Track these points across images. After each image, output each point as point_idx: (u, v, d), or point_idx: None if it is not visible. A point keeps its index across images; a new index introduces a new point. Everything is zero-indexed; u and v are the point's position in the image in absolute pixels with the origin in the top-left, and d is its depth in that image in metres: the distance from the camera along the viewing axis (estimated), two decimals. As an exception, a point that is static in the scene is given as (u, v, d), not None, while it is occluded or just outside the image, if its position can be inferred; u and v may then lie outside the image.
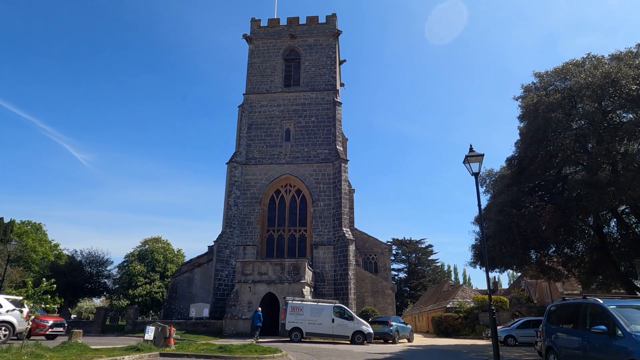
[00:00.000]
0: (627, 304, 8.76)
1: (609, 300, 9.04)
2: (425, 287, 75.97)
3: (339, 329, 23.93)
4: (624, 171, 17.25)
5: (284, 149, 37.27)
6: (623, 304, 8.72)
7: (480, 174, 27.18)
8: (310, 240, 34.66)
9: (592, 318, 9.07)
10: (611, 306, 8.63)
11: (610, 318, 8.29)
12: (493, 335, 11.10)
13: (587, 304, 9.38)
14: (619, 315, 8.22)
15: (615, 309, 8.52)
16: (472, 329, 38.65)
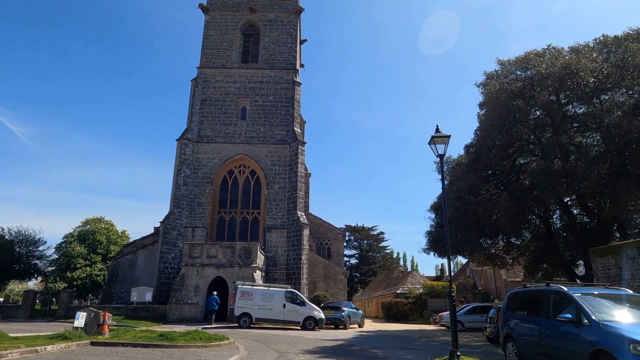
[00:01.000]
0: (591, 291, 8.53)
1: (573, 288, 8.79)
2: (376, 273, 77.29)
3: (290, 314, 23.21)
4: (577, 162, 17.53)
5: (239, 128, 35.61)
6: (587, 292, 8.48)
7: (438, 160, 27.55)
8: (264, 223, 33.54)
9: (555, 306, 8.79)
10: (576, 294, 8.34)
11: (576, 306, 7.99)
12: (452, 322, 10.71)
13: (550, 291, 9.10)
14: (585, 304, 7.92)
15: (580, 296, 8.24)
16: (420, 314, 39.43)
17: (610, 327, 7.17)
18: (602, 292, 8.54)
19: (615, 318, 7.54)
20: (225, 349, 13.06)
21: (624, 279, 11.16)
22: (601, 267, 12.17)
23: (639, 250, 10.88)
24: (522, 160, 23.24)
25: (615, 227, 20.59)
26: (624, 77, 17.35)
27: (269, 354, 12.46)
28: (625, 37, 19.34)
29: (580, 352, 7.51)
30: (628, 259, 11.15)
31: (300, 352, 13.06)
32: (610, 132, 15.87)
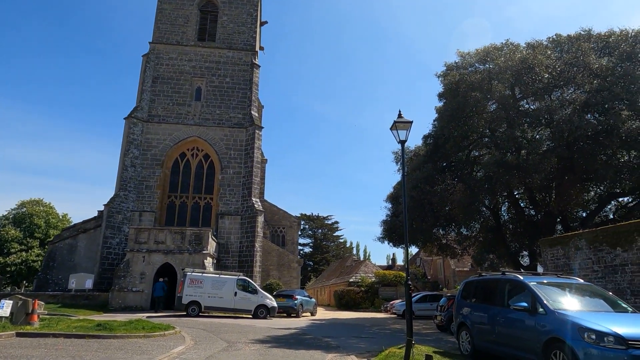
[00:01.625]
0: (546, 280, 8.56)
1: (529, 277, 8.80)
2: (329, 262, 77.84)
3: (242, 302, 22.55)
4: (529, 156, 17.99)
5: (192, 109, 34.01)
6: (542, 281, 8.50)
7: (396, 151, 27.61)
8: (217, 209, 32.40)
9: (510, 294, 8.77)
10: (532, 282, 8.33)
11: (532, 295, 7.96)
12: (408, 311, 10.53)
13: (506, 280, 9.08)
14: (541, 292, 7.91)
15: (536, 285, 8.24)
16: (371, 302, 40.00)
17: (565, 315, 7.17)
18: (555, 281, 8.60)
19: (569, 307, 7.57)
20: (170, 340, 12.26)
21: (572, 269, 11.49)
22: (550, 257, 12.49)
23: (587, 242, 11.20)
24: (476, 152, 23.73)
25: (559, 219, 21.47)
26: (575, 75, 17.94)
27: (217, 344, 11.80)
28: (577, 37, 20.01)
29: (535, 340, 7.49)
30: (577, 249, 11.47)
31: (251, 341, 12.51)
32: (561, 127, 16.37)
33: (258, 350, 10.75)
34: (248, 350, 10.84)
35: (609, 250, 10.45)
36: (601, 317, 7.11)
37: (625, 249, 10.01)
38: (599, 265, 10.72)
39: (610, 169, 16.83)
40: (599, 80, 17.35)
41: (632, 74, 16.88)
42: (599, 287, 8.87)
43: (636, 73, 16.89)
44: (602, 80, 17.18)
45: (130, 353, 9.68)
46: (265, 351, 10.71)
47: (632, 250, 9.84)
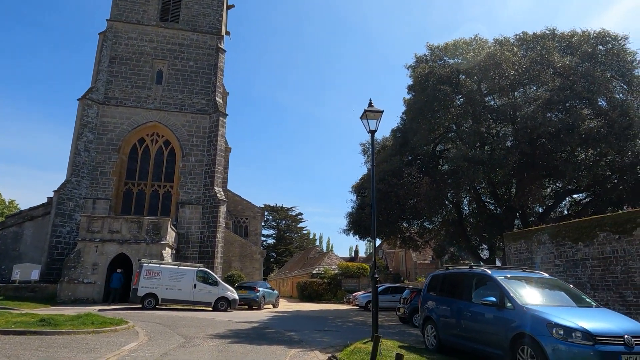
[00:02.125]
0: (513, 275, 8.50)
1: (496, 271, 8.72)
2: (292, 253, 77.58)
3: (201, 294, 21.78)
4: (493, 151, 18.22)
5: (153, 93, 32.43)
6: (510, 275, 8.43)
7: (364, 143, 27.44)
8: (177, 198, 31.18)
9: (478, 289, 8.67)
10: (500, 277, 8.24)
11: (500, 289, 7.86)
12: (374, 304, 10.31)
13: (474, 274, 8.98)
14: (509, 287, 7.82)
15: (504, 279, 8.15)
16: (334, 294, 40.06)
17: (534, 310, 7.09)
18: (522, 276, 8.56)
19: (537, 302, 7.52)
20: (122, 335, 11.47)
21: (535, 263, 11.65)
22: (514, 251, 12.64)
23: (550, 236, 11.36)
24: (442, 146, 23.93)
25: (518, 214, 22.02)
26: (539, 73, 18.29)
27: (173, 339, 11.14)
28: (542, 36, 20.42)
29: (502, 336, 7.39)
30: (539, 244, 11.63)
31: (210, 336, 11.92)
32: (525, 123, 16.64)
33: (217, 346, 10.20)
34: (207, 346, 10.27)
35: (571, 245, 10.63)
36: (568, 312, 7.08)
37: (587, 244, 10.19)
38: (560, 260, 10.90)
39: (569, 165, 17.30)
40: (561, 78, 17.76)
41: (593, 74, 17.36)
42: (563, 281, 8.93)
43: (596, 73, 17.38)
44: (564, 79, 17.60)
45: (75, 351, 8.89)
46: (225, 347, 10.18)
47: (593, 245, 10.03)
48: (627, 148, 16.73)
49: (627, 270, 9.26)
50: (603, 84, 17.04)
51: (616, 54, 18.12)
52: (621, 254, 9.38)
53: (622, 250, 9.36)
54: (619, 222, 9.43)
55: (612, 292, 9.48)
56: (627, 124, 16.42)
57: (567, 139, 16.53)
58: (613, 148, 16.51)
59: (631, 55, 18.22)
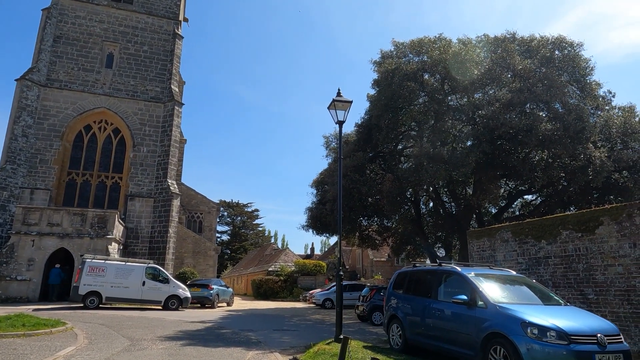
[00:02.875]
0: (482, 272, 8.29)
1: (467, 268, 8.48)
2: (247, 250, 76.18)
3: (151, 293, 20.47)
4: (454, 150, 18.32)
5: (102, 77, 30.31)
6: (479, 272, 8.21)
7: (327, 135, 26.97)
8: (126, 190, 29.34)
9: (447, 287, 8.40)
10: (470, 274, 8.00)
11: (472, 287, 7.60)
12: (338, 302, 9.84)
13: (443, 271, 8.70)
14: (480, 285, 7.58)
15: (474, 277, 7.91)
16: (290, 291, 39.46)
17: (507, 309, 6.85)
18: (490, 273, 8.37)
19: (509, 300, 7.31)
20: (58, 338, 10.28)
21: (497, 261, 11.65)
22: (476, 249, 12.63)
23: (513, 234, 11.38)
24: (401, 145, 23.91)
25: (476, 213, 22.42)
26: (501, 74, 18.60)
27: (117, 342, 10.12)
28: (503, 39, 20.83)
29: (474, 335, 7.12)
30: (502, 241, 11.64)
31: (159, 338, 10.97)
32: (487, 123, 16.83)
33: (167, 350, 9.32)
34: (155, 349, 9.36)
35: (534, 242, 10.67)
36: (541, 310, 6.91)
37: (550, 242, 10.25)
38: (523, 258, 10.94)
39: (526, 166, 17.70)
40: (521, 81, 18.14)
41: (550, 77, 17.84)
42: (530, 279, 8.85)
43: (554, 77, 17.88)
44: (524, 81, 17.98)
45: None
46: (177, 350, 9.32)
47: (555, 243, 10.09)
48: (579, 151, 17.32)
49: (588, 268, 9.35)
50: (560, 88, 17.56)
51: (572, 60, 18.78)
52: (583, 252, 9.47)
53: (585, 248, 9.45)
54: (582, 221, 9.52)
55: (574, 289, 9.56)
56: (580, 127, 16.99)
57: (525, 139, 16.87)
58: (567, 150, 17.03)
59: (585, 62, 18.94)
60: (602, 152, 16.95)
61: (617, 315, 8.62)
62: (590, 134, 17.25)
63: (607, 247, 8.96)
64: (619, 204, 9.88)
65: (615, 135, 18.63)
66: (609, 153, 17.48)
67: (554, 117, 17.29)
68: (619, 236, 8.75)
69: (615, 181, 19.44)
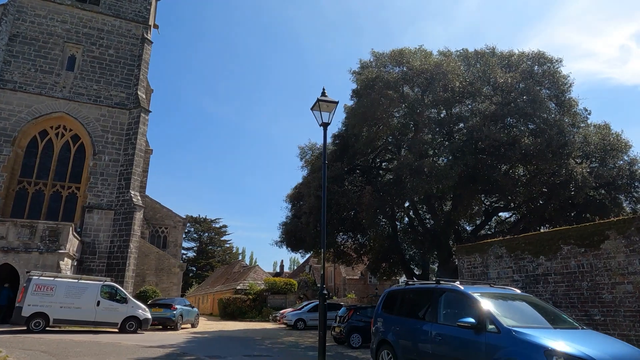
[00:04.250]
0: (486, 291, 7.35)
1: (469, 287, 7.53)
2: (214, 267, 73.41)
3: (106, 314, 18.50)
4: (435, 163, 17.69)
5: (62, 80, 28.31)
6: (485, 292, 7.27)
7: (302, 147, 25.90)
8: (84, 201, 27.15)
9: (449, 308, 7.41)
10: (476, 293, 7.04)
11: (479, 308, 6.63)
12: (321, 325, 8.66)
13: (443, 289, 7.71)
14: (490, 306, 6.62)
15: (480, 296, 6.96)
16: (259, 311, 37.63)
17: (524, 334, 5.91)
18: (495, 292, 7.45)
19: (523, 323, 6.37)
20: (-15, 372, 8.57)
21: (490, 278, 10.85)
22: (467, 266, 11.80)
23: (508, 249, 10.62)
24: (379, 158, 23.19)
25: (453, 230, 21.80)
26: (482, 87, 18.26)
27: (59, 375, 8.51)
28: (483, 53, 20.65)
29: (484, 365, 6.11)
30: (496, 257, 10.87)
31: (111, 369, 9.40)
32: (471, 134, 16.32)
33: (119, 385, 7.83)
34: (104, 384, 7.85)
35: (531, 259, 9.93)
36: (561, 335, 6.01)
37: (549, 258, 9.52)
38: (519, 275, 10.16)
39: (509, 181, 17.24)
40: (503, 94, 17.84)
41: (532, 91, 17.63)
42: (537, 298, 7.99)
43: (535, 91, 17.67)
44: (506, 94, 17.68)
45: None
46: (130, 385, 7.85)
47: (556, 259, 9.37)
48: (561, 166, 17.03)
49: (593, 286, 8.63)
50: (541, 102, 17.34)
51: (552, 75, 18.70)
52: (587, 269, 8.76)
53: (589, 264, 8.74)
54: (584, 235, 8.84)
55: (577, 309, 8.81)
56: (562, 142, 16.74)
57: (509, 153, 16.44)
58: (550, 165, 16.69)
59: (564, 78, 18.89)
60: (583, 167, 16.71)
61: (627, 338, 7.88)
62: (572, 149, 17.02)
63: (614, 264, 8.27)
64: (627, 217, 9.29)
65: (594, 152, 18.53)
66: (590, 169, 17.27)
67: (537, 130, 16.98)
68: (627, 251, 8.08)
69: (593, 198, 19.31)
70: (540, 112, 17.12)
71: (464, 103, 18.55)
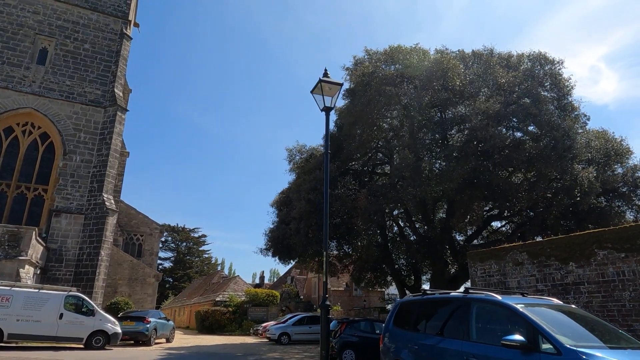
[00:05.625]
0: (530, 302, 6.09)
1: (507, 297, 6.25)
2: (192, 278, 70.75)
3: (70, 328, 16.55)
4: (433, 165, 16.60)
5: (32, 74, 26.34)
6: (528, 302, 6.00)
7: (290, 149, 24.52)
8: (51, 204, 25.04)
9: (484, 322, 6.12)
10: (519, 305, 5.77)
11: (528, 324, 5.35)
12: (323, 344, 7.25)
13: (473, 300, 6.39)
14: (541, 320, 5.35)
15: (525, 308, 5.68)
16: (239, 324, 35.72)
17: (594, 357, 4.64)
18: (542, 303, 6.20)
19: (586, 342, 5.11)
20: None
21: (510, 288, 9.63)
22: (480, 274, 10.58)
23: (529, 255, 9.44)
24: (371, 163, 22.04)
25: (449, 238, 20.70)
26: (484, 86, 17.36)
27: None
28: (481, 54, 19.83)
29: (541, 396, 4.82)
30: (515, 264, 9.69)
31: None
32: (474, 134, 15.30)
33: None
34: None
35: (559, 265, 8.78)
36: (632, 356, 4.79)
37: (581, 265, 8.38)
38: (545, 284, 8.99)
39: (511, 186, 16.25)
40: (506, 94, 16.94)
41: (535, 92, 16.79)
42: (583, 310, 6.77)
43: (538, 92, 16.84)
44: (509, 94, 16.79)
45: None
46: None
47: (589, 265, 8.23)
48: (565, 171, 16.13)
49: (637, 296, 7.51)
50: (545, 103, 16.50)
51: (553, 77, 17.94)
52: (629, 277, 7.64)
53: (631, 272, 7.63)
54: (624, 237, 7.73)
55: (619, 324, 7.65)
56: (568, 145, 15.87)
57: (513, 155, 15.45)
58: (555, 169, 15.78)
59: (566, 81, 18.16)
60: (590, 172, 15.83)
61: (682, 357, 6.71)
62: (577, 153, 16.15)
63: (663, 270, 7.17)
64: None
65: (597, 157, 17.76)
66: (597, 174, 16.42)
67: (542, 132, 16.06)
68: (679, 256, 6.99)
69: (594, 206, 18.50)
70: (546, 114, 16.24)
71: (464, 103, 17.55)
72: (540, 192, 16.61)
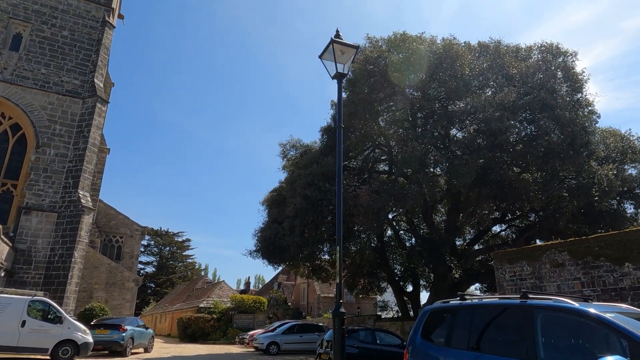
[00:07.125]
0: (614, 310, 4.69)
1: (586, 304, 4.82)
2: (175, 284, 68.28)
3: (34, 337, 14.61)
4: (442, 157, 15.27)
5: (4, 60, 24.36)
6: (615, 311, 4.60)
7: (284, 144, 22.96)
8: (21, 200, 23.02)
9: (555, 337, 4.68)
10: (608, 315, 4.35)
11: (630, 339, 3.93)
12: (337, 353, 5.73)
13: (536, 307, 4.94)
14: (646, 334, 3.93)
15: (615, 317, 4.27)
16: (224, 332, 33.82)
17: None
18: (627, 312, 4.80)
19: None
20: None
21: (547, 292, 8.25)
22: (509, 277, 9.20)
23: (572, 255, 8.09)
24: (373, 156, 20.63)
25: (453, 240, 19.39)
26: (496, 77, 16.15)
27: None
28: (488, 46, 18.69)
29: None
30: (553, 265, 8.34)
31: None
32: (488, 126, 14.02)
33: None
34: None
35: (610, 266, 7.45)
36: None
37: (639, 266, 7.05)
38: (592, 289, 7.64)
39: (525, 183, 14.99)
40: (520, 85, 15.74)
41: (549, 83, 15.63)
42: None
43: (552, 83, 15.69)
44: (524, 85, 15.58)
45: None
46: None
47: (651, 267, 6.91)
48: (582, 168, 14.95)
49: None
50: (561, 95, 15.33)
51: (567, 69, 16.83)
52: None
53: None
54: (698, 233, 6.43)
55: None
56: (585, 140, 14.71)
57: (529, 149, 14.19)
58: (572, 165, 14.57)
59: (580, 74, 17.05)
60: (609, 169, 14.66)
61: None
62: (595, 149, 15.00)
63: None
64: None
65: (613, 155, 16.65)
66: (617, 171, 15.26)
67: (559, 126, 14.84)
68: None
69: (607, 208, 17.36)
70: (561, 106, 15.04)
71: (474, 93, 16.25)
72: (554, 191, 15.37)
